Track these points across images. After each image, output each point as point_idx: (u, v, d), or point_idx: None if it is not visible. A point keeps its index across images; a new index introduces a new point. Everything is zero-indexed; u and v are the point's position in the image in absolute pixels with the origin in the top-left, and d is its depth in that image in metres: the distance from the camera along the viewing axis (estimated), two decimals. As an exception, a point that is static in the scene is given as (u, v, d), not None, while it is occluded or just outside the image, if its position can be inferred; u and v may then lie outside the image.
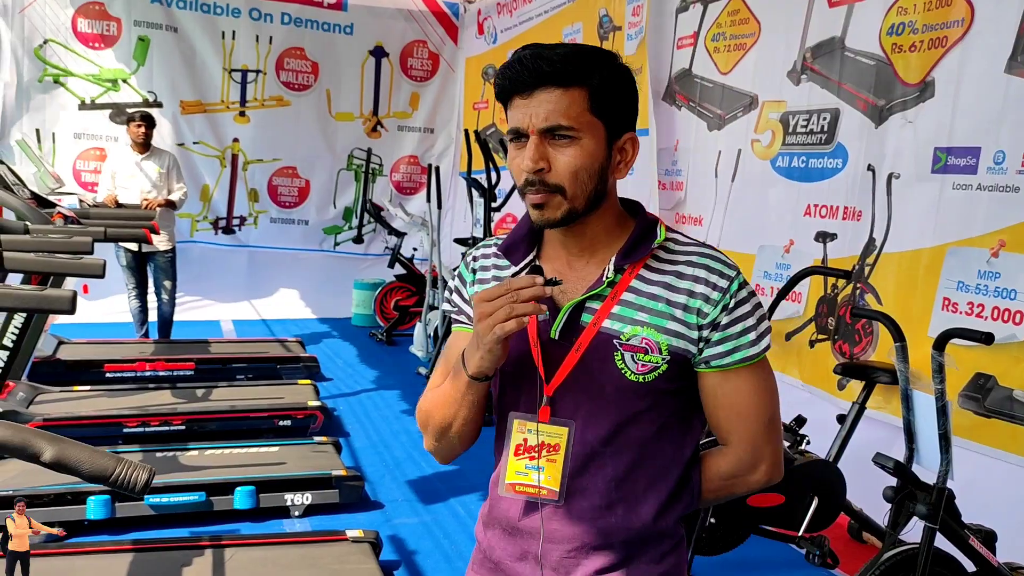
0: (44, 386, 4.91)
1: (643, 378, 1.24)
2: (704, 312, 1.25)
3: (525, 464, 1.27)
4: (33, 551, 3.17)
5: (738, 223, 4.64)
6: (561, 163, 1.21)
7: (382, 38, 8.47)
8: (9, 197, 4.13)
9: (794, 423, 3.35)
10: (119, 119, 7.77)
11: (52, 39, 7.48)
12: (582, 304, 1.26)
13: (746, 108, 4.60)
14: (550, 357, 1.27)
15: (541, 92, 1.20)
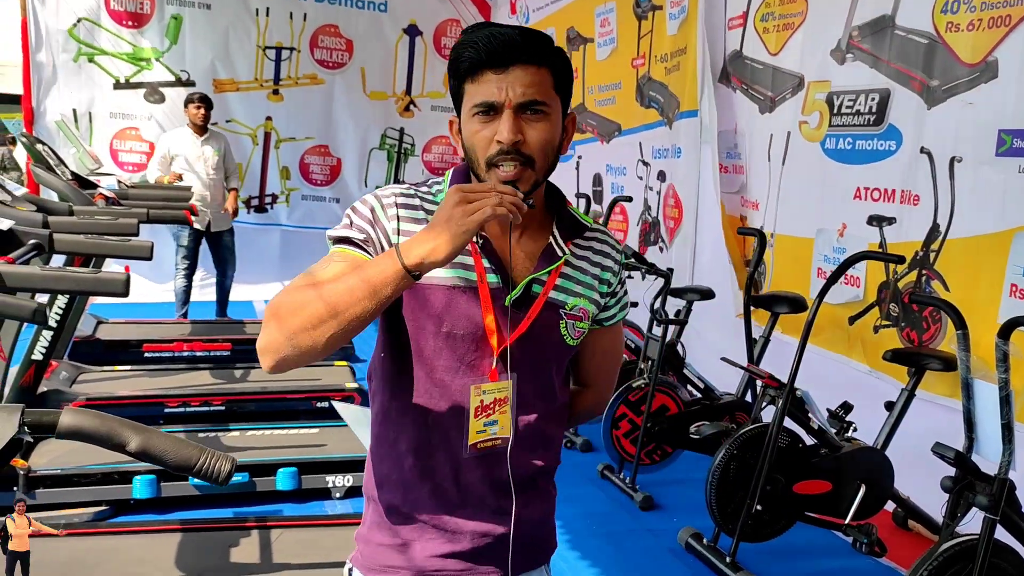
0: (85, 365, 4.96)
1: (576, 342, 1.41)
2: (609, 282, 1.45)
3: (484, 422, 1.35)
4: (81, 530, 3.22)
5: (792, 208, 4.56)
6: (534, 136, 1.27)
7: (416, 16, 8.41)
8: (52, 178, 4.14)
9: (840, 409, 3.31)
10: (153, 98, 7.79)
11: (85, 18, 7.49)
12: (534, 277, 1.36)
13: (794, 89, 4.51)
14: (502, 323, 1.34)
15: (517, 68, 1.26)
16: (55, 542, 2.96)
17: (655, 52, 5.99)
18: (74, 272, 2.47)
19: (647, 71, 6.14)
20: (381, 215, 1.33)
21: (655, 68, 6.01)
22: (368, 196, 1.37)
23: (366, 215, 1.33)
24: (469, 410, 1.33)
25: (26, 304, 2.01)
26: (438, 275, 1.30)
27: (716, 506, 3.18)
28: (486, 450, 1.36)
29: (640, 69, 6.26)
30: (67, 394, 4.37)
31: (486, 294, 1.33)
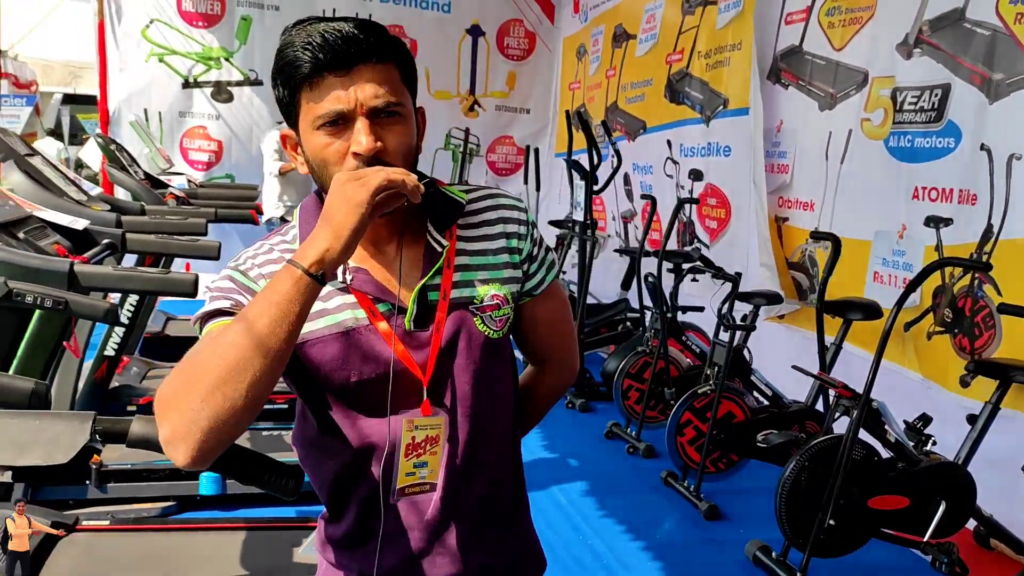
0: (155, 361, 5.05)
1: (500, 333, 1.25)
2: (520, 249, 1.28)
3: (413, 463, 1.20)
4: (148, 525, 3.28)
5: (851, 208, 4.42)
6: (392, 141, 1.13)
7: (479, 16, 8.41)
8: (126, 178, 4.23)
9: (918, 422, 3.18)
10: (221, 97, 7.92)
11: (158, 19, 7.66)
12: (424, 285, 1.20)
13: (858, 86, 4.36)
14: (414, 348, 1.20)
15: (362, 68, 1.11)
16: (128, 536, 3.02)
17: (698, 48, 5.86)
18: (145, 272, 2.50)
19: (685, 67, 6.01)
20: (243, 279, 1.17)
21: (696, 64, 5.88)
22: (223, 271, 1.20)
23: (229, 287, 1.17)
24: (400, 448, 1.18)
25: (99, 304, 2.03)
26: (321, 326, 1.16)
27: (786, 519, 3.08)
28: (414, 495, 1.22)
29: (675, 65, 6.14)
30: (137, 389, 4.46)
31: (385, 326, 1.18)
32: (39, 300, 1.95)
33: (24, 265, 2.18)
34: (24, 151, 3.18)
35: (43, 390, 1.31)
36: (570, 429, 4.87)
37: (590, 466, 4.32)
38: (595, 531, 3.56)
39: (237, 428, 1.00)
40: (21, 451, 0.97)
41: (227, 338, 0.99)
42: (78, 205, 3.13)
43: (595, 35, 7.79)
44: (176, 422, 0.98)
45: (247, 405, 0.98)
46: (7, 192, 2.68)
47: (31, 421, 1.00)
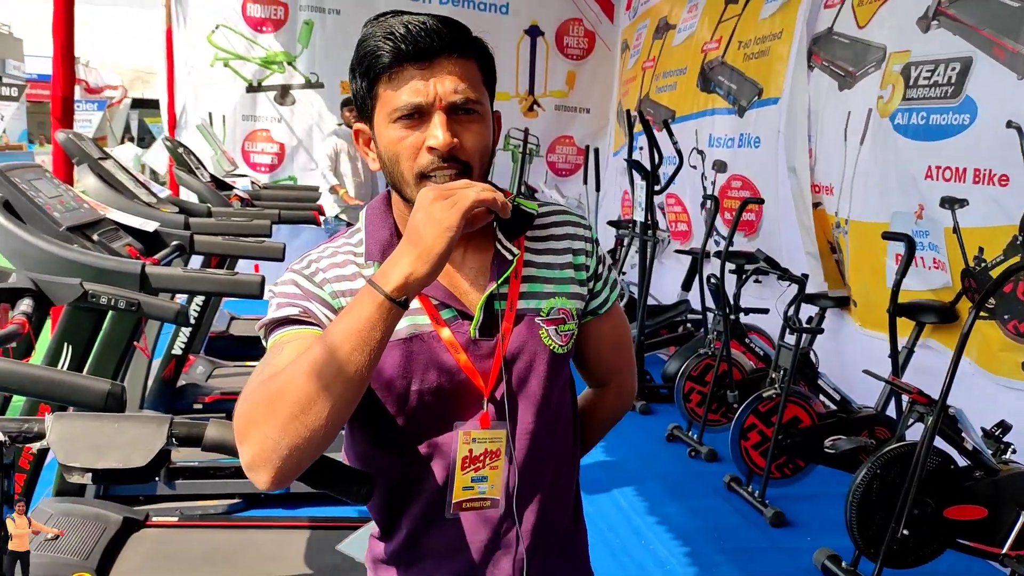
0: (220, 360, 5.14)
1: (565, 348, 1.21)
2: (587, 266, 1.25)
3: (471, 477, 1.16)
4: (215, 522, 3.33)
5: (869, 190, 4.27)
6: (469, 140, 1.09)
7: (538, 17, 8.39)
8: (193, 180, 4.31)
9: (996, 429, 3.07)
10: (283, 100, 8.04)
11: (223, 24, 7.81)
12: (492, 293, 1.16)
13: (878, 63, 4.22)
14: (477, 358, 1.16)
15: (444, 61, 1.08)
16: (196, 532, 3.07)
17: (737, 36, 5.74)
18: (213, 274, 2.54)
19: (720, 55, 5.90)
20: (308, 284, 1.14)
21: (732, 53, 5.76)
22: (285, 275, 1.17)
23: (293, 291, 1.13)
24: (456, 460, 1.15)
25: (171, 306, 2.07)
26: None
27: (857, 527, 3.00)
28: (473, 510, 1.18)
29: (710, 53, 6.03)
30: (203, 388, 4.54)
31: (448, 333, 1.14)
32: (113, 301, 1.99)
33: (99, 267, 2.23)
34: (97, 155, 3.25)
35: (119, 391, 1.32)
36: (630, 431, 4.80)
37: (651, 469, 4.27)
38: (657, 536, 3.51)
39: (317, 452, 0.99)
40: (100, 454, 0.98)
41: (306, 365, 0.97)
42: (148, 207, 3.19)
43: (639, 30, 7.74)
44: (257, 448, 0.97)
45: (327, 432, 0.97)
46: (81, 195, 2.75)
47: (110, 424, 1.01)
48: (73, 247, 2.27)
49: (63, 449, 0.98)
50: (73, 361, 2.28)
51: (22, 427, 1.03)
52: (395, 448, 1.18)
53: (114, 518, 2.87)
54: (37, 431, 1.02)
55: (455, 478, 1.15)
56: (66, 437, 0.99)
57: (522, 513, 1.21)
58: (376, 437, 1.19)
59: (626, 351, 1.41)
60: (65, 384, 1.33)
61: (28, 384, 1.33)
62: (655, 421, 4.96)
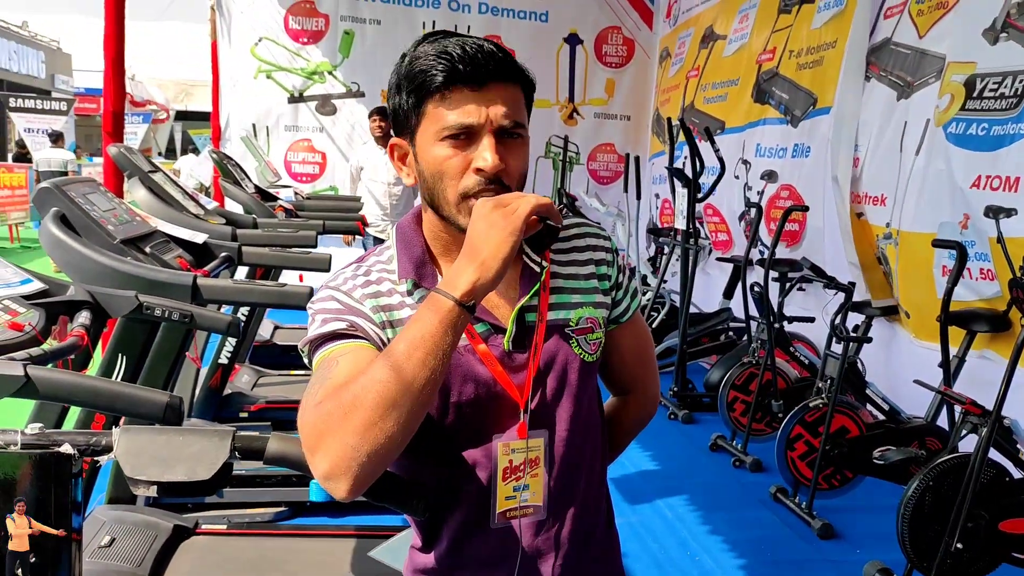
0: (264, 369, 5.20)
1: (595, 357, 1.25)
2: (608, 276, 1.29)
3: (513, 487, 1.20)
4: (262, 530, 3.36)
5: (919, 200, 4.21)
6: (513, 164, 1.12)
7: (576, 25, 8.40)
8: (239, 192, 4.37)
9: (1051, 440, 3.00)
10: (324, 110, 8.13)
11: (266, 37, 7.92)
12: (523, 306, 1.20)
13: (938, 73, 4.16)
14: (512, 369, 1.19)
15: (495, 85, 1.11)
16: (244, 540, 3.11)
17: (790, 47, 5.70)
18: (262, 285, 2.57)
19: (775, 66, 5.85)
20: (349, 300, 1.16)
21: (786, 64, 5.71)
22: (321, 292, 1.19)
23: (335, 307, 1.15)
24: (497, 471, 1.18)
25: (223, 318, 2.10)
26: None
27: (909, 541, 2.95)
28: (516, 519, 1.21)
29: (765, 64, 5.98)
30: (249, 397, 4.60)
31: (483, 347, 1.17)
32: (167, 313, 2.03)
33: (152, 279, 2.27)
34: (147, 168, 3.32)
35: (177, 403, 1.35)
36: (673, 440, 4.78)
37: (695, 479, 4.24)
38: (703, 547, 3.48)
39: (392, 458, 1.01)
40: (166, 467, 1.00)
41: (381, 373, 0.99)
42: (197, 219, 3.24)
43: (682, 38, 7.70)
44: (335, 457, 0.98)
45: (404, 438, 1.00)
46: (133, 208, 2.80)
47: (175, 437, 1.03)
48: (127, 260, 2.32)
49: (130, 462, 1.00)
50: (127, 371, 2.33)
51: (90, 440, 1.05)
52: (435, 460, 1.21)
53: (165, 526, 2.91)
54: (105, 444, 1.05)
55: (498, 488, 1.18)
56: (133, 451, 1.01)
57: (560, 520, 1.24)
58: (416, 450, 1.19)
59: (649, 359, 1.44)
60: (125, 396, 1.35)
61: (91, 396, 1.36)
62: (698, 430, 4.93)
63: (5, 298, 1.58)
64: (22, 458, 1.04)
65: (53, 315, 1.70)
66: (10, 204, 12.64)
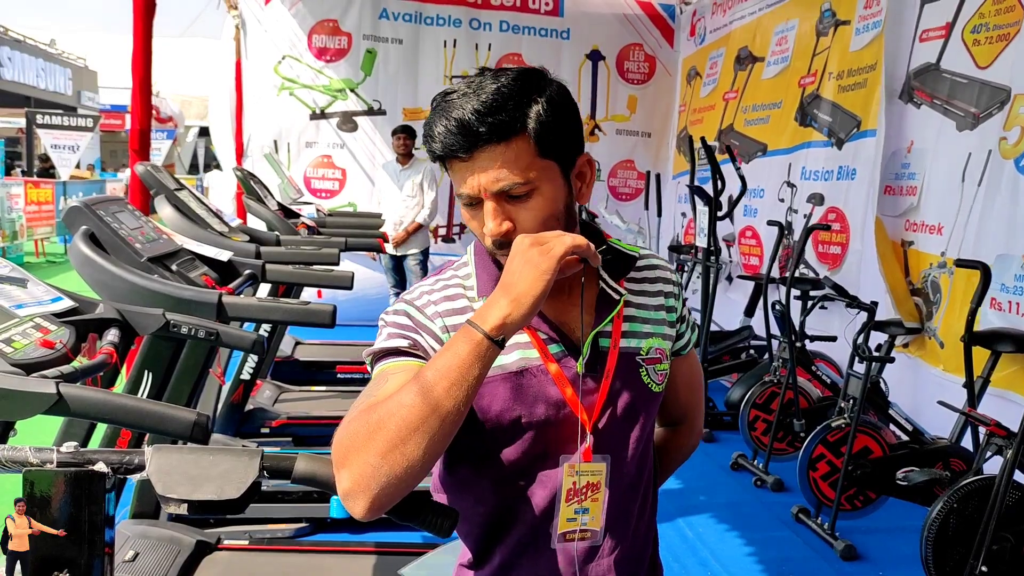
0: (285, 385, 5.23)
1: (661, 387, 1.28)
2: (674, 308, 1.33)
3: (575, 509, 1.21)
4: (284, 546, 3.37)
5: (980, 231, 4.19)
6: (525, 219, 1.13)
7: (598, 42, 8.42)
8: (262, 209, 4.41)
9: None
10: (346, 127, 8.20)
11: (289, 55, 8.01)
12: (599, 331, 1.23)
13: (1001, 105, 4.14)
14: (582, 392, 1.20)
15: (481, 153, 1.10)
16: (265, 556, 3.12)
17: (830, 68, 5.69)
18: (286, 303, 2.59)
19: (816, 88, 5.84)
20: (420, 317, 1.20)
21: (826, 86, 5.71)
22: (397, 304, 1.23)
23: (404, 322, 1.19)
24: (561, 492, 1.19)
25: (248, 336, 2.12)
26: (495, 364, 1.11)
27: (933, 563, 2.92)
28: (575, 543, 1.22)
29: (808, 87, 5.97)
30: (270, 412, 4.62)
31: (556, 368, 1.19)
32: (193, 331, 2.05)
33: (179, 296, 2.30)
34: (173, 186, 3.36)
35: (204, 421, 1.36)
36: (695, 458, 4.73)
37: (717, 498, 4.22)
38: (724, 567, 3.46)
39: (413, 483, 1.03)
40: (196, 486, 1.02)
41: (407, 398, 1.01)
42: (222, 237, 3.28)
43: (713, 58, 7.68)
44: (356, 476, 1.00)
45: (424, 463, 1.01)
46: (160, 226, 2.84)
47: (205, 456, 1.05)
48: (155, 278, 2.35)
49: (162, 481, 1.02)
50: (153, 388, 2.35)
51: (123, 459, 1.07)
52: (496, 478, 1.22)
53: (187, 541, 2.93)
54: (138, 463, 1.07)
55: (561, 510, 1.20)
56: (164, 469, 1.03)
57: (614, 545, 1.25)
58: (477, 466, 1.23)
59: (699, 391, 1.49)
60: (154, 414, 1.37)
61: (120, 414, 1.38)
62: (719, 449, 4.90)
63: (37, 316, 1.61)
64: (57, 475, 1.06)
65: (83, 333, 1.73)
66: (36, 219, 12.81)
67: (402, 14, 8.08)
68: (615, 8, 8.38)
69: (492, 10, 8.17)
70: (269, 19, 7.89)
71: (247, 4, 7.81)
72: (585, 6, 8.32)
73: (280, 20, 7.91)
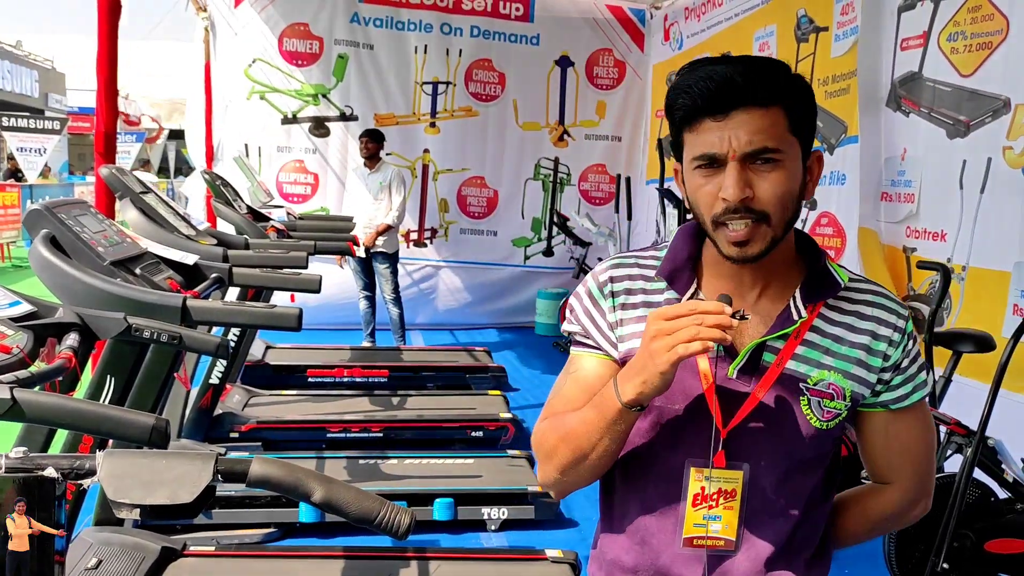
0: (256, 389, 5.20)
1: (827, 425, 1.21)
2: (888, 355, 1.23)
3: (703, 515, 1.21)
4: (251, 552, 3.36)
5: (990, 238, 4.23)
6: (766, 189, 1.12)
7: (568, 47, 8.45)
8: (231, 212, 4.39)
9: (1036, 462, 3.02)
10: (318, 132, 8.17)
11: (260, 58, 7.96)
12: (763, 342, 1.20)
13: (995, 113, 4.20)
14: (726, 397, 1.20)
15: (740, 113, 1.11)
16: (232, 562, 3.11)
17: (816, 75, 5.77)
18: (252, 307, 2.58)
19: None
20: (599, 295, 1.28)
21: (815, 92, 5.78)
22: (587, 278, 1.31)
23: (584, 306, 1.30)
24: (687, 495, 1.21)
25: (212, 340, 2.11)
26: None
27: (895, 561, 2.96)
28: (704, 549, 1.21)
29: None
30: (240, 417, 4.60)
31: (705, 364, 1.19)
32: (156, 335, 2.03)
33: (141, 300, 2.28)
34: (139, 188, 3.33)
35: (163, 426, 1.35)
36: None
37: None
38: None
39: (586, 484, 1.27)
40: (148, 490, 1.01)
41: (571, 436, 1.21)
42: (188, 240, 3.25)
43: None
44: (544, 478, 1.28)
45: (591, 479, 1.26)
46: (124, 229, 2.81)
47: (158, 460, 1.04)
48: (117, 281, 2.33)
49: (113, 485, 1.01)
50: (115, 393, 2.33)
51: (73, 464, 1.06)
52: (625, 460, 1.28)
53: (152, 547, 2.91)
54: (88, 468, 1.06)
55: (686, 513, 1.22)
56: (116, 474, 1.03)
57: (749, 561, 1.23)
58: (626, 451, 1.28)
59: (916, 458, 1.33)
60: (110, 419, 1.36)
61: (76, 419, 1.37)
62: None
63: (-7, 320, 1.59)
64: (5, 481, 1.05)
65: (41, 337, 1.71)
66: (2, 223, 12.64)
67: (373, 19, 8.06)
68: (585, 12, 8.42)
69: (463, 15, 8.17)
70: (239, 22, 7.85)
71: (216, 6, 7.76)
72: (555, 11, 8.34)
73: (250, 23, 7.86)
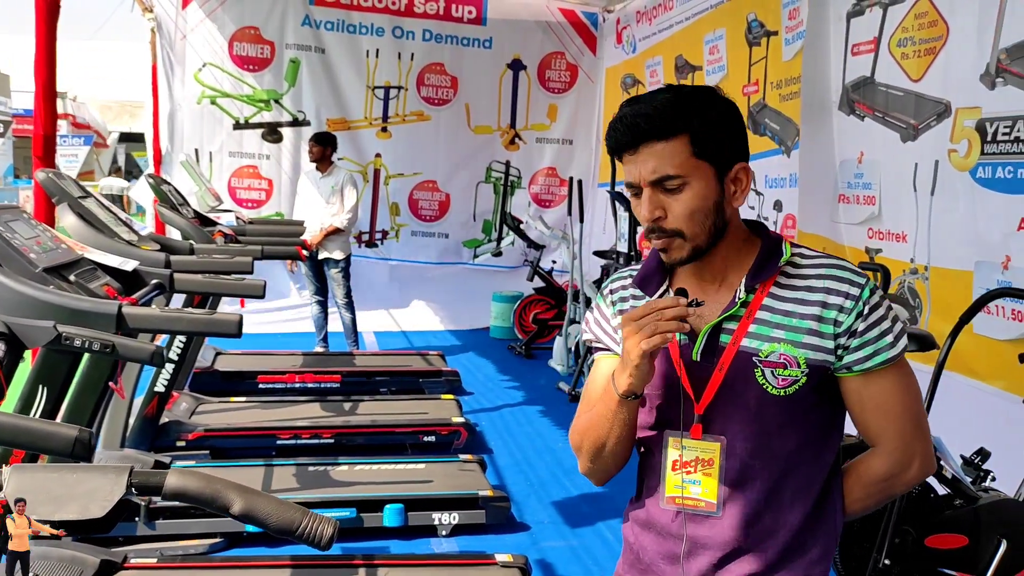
0: (204, 396, 5.12)
1: (784, 391, 1.34)
2: (839, 321, 1.34)
3: (682, 478, 1.39)
4: (195, 563, 3.29)
5: (946, 239, 4.30)
6: (675, 209, 1.33)
7: (520, 51, 8.49)
8: (176, 217, 4.31)
9: (976, 456, 3.08)
10: (271, 138, 8.09)
11: (210, 63, 7.86)
12: (719, 326, 1.37)
13: (939, 116, 4.28)
14: (696, 377, 1.38)
15: (645, 147, 1.32)
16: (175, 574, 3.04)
17: (770, 78, 5.84)
18: (190, 314, 2.53)
19: (761, 98, 5.98)
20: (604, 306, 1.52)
21: (771, 95, 5.85)
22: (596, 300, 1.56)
23: (592, 317, 1.54)
24: (667, 461, 1.40)
25: (146, 347, 2.06)
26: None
27: (839, 557, 3.00)
28: (687, 508, 1.39)
29: (753, 96, 6.11)
30: (187, 425, 4.52)
31: (676, 351, 1.39)
32: (87, 344, 1.98)
33: (74, 308, 2.22)
34: (78, 193, 3.26)
35: (87, 437, 1.31)
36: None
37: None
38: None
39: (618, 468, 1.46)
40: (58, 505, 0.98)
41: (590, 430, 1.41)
42: (128, 246, 3.18)
43: (651, 66, 7.73)
44: (582, 469, 1.48)
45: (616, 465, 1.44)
46: (59, 235, 2.75)
47: (69, 475, 1.01)
48: (48, 288, 2.27)
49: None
50: (48, 404, 2.27)
51: (-20, 479, 1.03)
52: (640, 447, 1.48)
53: (91, 561, 2.84)
54: (-6, 483, 1.03)
55: (666, 476, 1.42)
56: (23, 490, 0.99)
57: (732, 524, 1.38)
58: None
59: (895, 419, 1.39)
60: (31, 431, 1.32)
61: (-6, 431, 1.32)
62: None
63: (-90, 331, 1.54)
64: (-90, 499, 1.01)
65: (-37, 347, 1.66)
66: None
67: (325, 21, 8.01)
68: (538, 16, 8.45)
69: (415, 18, 8.16)
70: (187, 24, 7.74)
71: (163, 7, 7.63)
72: (507, 14, 8.36)
73: (199, 26, 7.76)
